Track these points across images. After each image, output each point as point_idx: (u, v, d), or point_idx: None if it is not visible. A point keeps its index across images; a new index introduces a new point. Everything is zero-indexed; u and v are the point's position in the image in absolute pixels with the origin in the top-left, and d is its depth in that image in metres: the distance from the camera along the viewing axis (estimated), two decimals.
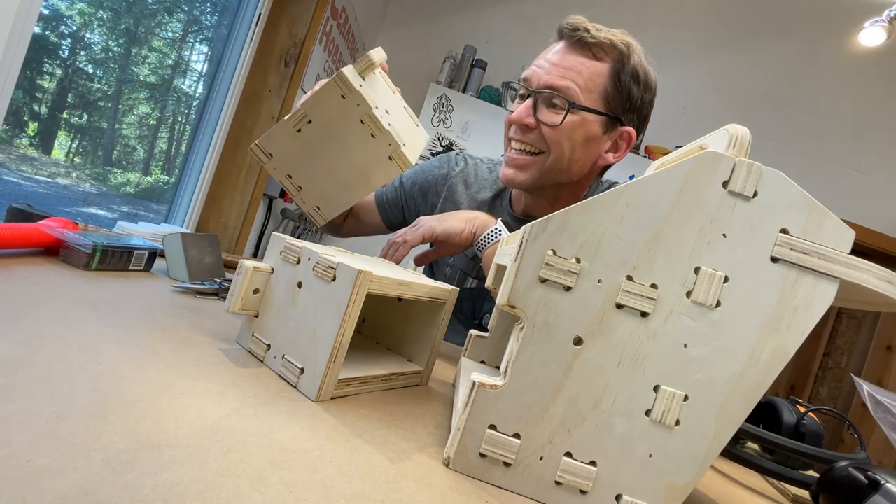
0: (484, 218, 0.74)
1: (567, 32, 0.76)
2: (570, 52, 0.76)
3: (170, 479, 0.22)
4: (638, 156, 2.68)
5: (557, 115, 0.75)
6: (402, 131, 0.61)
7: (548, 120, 0.76)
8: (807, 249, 0.31)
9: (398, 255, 0.71)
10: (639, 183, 0.32)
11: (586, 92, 0.75)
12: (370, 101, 0.56)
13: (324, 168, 0.63)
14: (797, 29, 2.86)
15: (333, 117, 0.58)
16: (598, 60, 0.76)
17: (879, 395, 0.54)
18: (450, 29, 2.88)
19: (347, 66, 0.57)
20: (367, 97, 0.56)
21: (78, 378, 0.29)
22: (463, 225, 0.72)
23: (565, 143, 0.77)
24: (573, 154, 0.78)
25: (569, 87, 0.74)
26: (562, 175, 0.81)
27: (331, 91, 0.56)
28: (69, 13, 1.33)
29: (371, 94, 0.57)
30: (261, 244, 2.16)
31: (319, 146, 0.61)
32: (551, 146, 0.77)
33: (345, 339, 0.37)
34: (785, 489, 0.56)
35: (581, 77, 0.75)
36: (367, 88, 0.57)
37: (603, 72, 0.76)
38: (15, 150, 1.32)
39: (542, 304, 0.33)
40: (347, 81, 0.55)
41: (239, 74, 1.79)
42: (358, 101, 0.56)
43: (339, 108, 0.57)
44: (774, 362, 0.31)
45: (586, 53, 0.75)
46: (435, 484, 0.30)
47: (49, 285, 0.44)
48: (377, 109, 0.57)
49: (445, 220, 0.73)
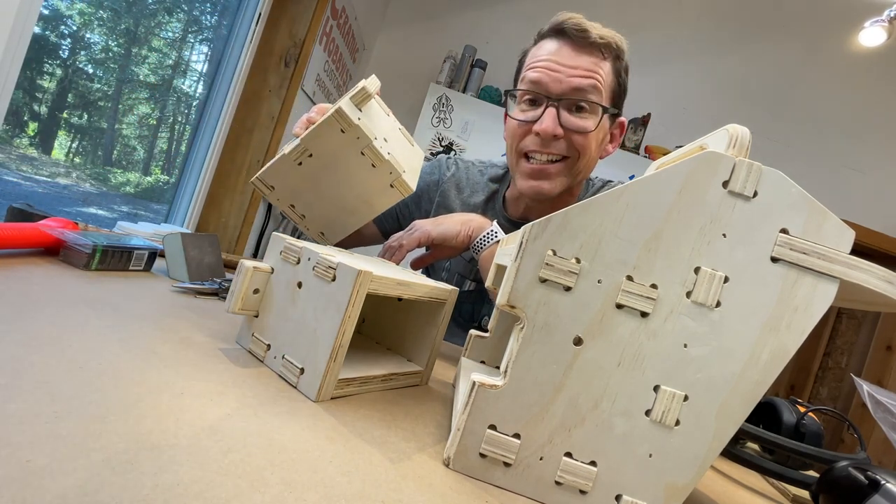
0: (479, 220, 0.74)
1: (574, 33, 0.75)
2: (580, 53, 0.76)
3: (170, 479, 0.22)
4: (638, 156, 2.68)
5: (585, 119, 0.76)
6: (401, 158, 0.62)
7: (579, 126, 0.76)
8: (807, 249, 0.31)
9: (395, 259, 0.71)
10: (639, 183, 0.32)
11: (604, 91, 0.76)
12: (369, 133, 0.57)
13: (326, 197, 0.64)
14: (797, 29, 2.86)
15: (334, 150, 0.59)
16: (605, 59, 0.76)
17: (879, 395, 0.54)
18: (450, 29, 2.88)
19: (344, 98, 0.57)
20: (366, 130, 0.57)
21: (78, 378, 0.29)
22: (459, 228, 0.72)
23: (593, 144, 0.78)
24: (595, 153, 0.80)
25: (592, 88, 0.75)
26: (583, 175, 0.82)
27: (330, 126, 0.57)
28: (69, 13, 1.33)
29: (369, 126, 0.58)
30: (261, 244, 2.16)
31: (321, 177, 0.62)
32: (581, 151, 0.77)
33: (345, 339, 0.37)
34: (785, 489, 0.56)
35: (601, 77, 0.75)
36: (365, 120, 0.58)
37: (610, 70, 0.77)
38: (15, 150, 1.32)
39: (542, 304, 0.33)
40: (347, 117, 0.55)
41: (239, 74, 1.79)
42: (357, 135, 0.57)
43: (339, 142, 0.58)
44: (774, 362, 0.31)
45: (596, 53, 0.76)
46: (435, 484, 0.30)
47: (49, 285, 0.44)
48: (376, 140, 0.58)
49: (441, 224, 0.73)
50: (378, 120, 0.61)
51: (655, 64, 2.90)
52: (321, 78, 2.21)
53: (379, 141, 0.59)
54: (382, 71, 2.88)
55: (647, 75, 2.89)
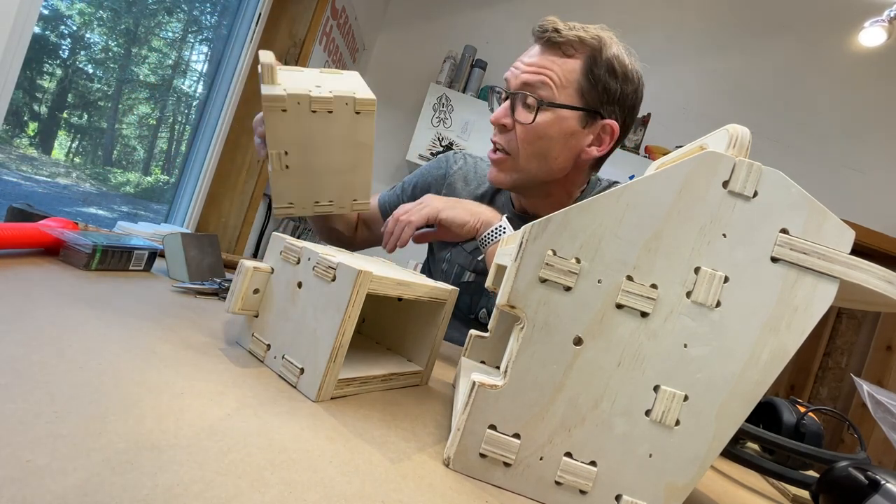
0: (489, 214, 0.74)
1: (537, 34, 0.78)
2: (542, 53, 0.78)
3: (170, 479, 0.22)
4: (638, 156, 2.68)
5: (530, 114, 0.77)
6: (343, 87, 0.63)
7: (521, 119, 0.77)
8: (807, 249, 0.31)
9: (403, 237, 0.71)
10: (639, 183, 0.32)
11: (560, 89, 0.76)
12: (303, 91, 0.58)
13: (328, 171, 0.65)
14: (797, 29, 2.86)
15: (295, 132, 0.60)
16: (570, 57, 0.77)
17: (879, 395, 0.54)
18: (450, 29, 2.88)
19: (261, 88, 0.58)
20: (298, 90, 0.58)
21: (78, 378, 0.29)
22: (468, 217, 0.73)
23: (538, 141, 0.78)
24: (551, 151, 0.79)
25: (541, 84, 0.76)
26: (543, 173, 0.81)
27: (272, 116, 0.58)
28: (69, 13, 1.33)
29: (296, 87, 0.59)
30: (261, 244, 2.16)
31: (311, 161, 0.63)
32: (520, 146, 0.79)
33: (345, 339, 0.37)
34: (785, 489, 0.56)
35: (554, 74, 0.76)
36: (289, 85, 0.59)
37: (575, 68, 0.76)
38: (15, 150, 1.32)
39: (542, 304, 0.33)
40: (275, 97, 0.57)
41: (239, 74, 1.79)
42: (297, 100, 0.58)
43: (291, 122, 0.59)
44: (774, 362, 0.31)
45: (556, 52, 0.77)
46: (435, 484, 0.30)
47: (49, 285, 0.44)
48: (312, 91, 0.59)
49: (452, 208, 0.73)
50: (298, 79, 0.62)
51: (655, 64, 2.89)
52: None
53: (315, 91, 0.59)
54: (382, 71, 2.89)
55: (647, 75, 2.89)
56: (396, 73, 2.88)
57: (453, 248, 0.93)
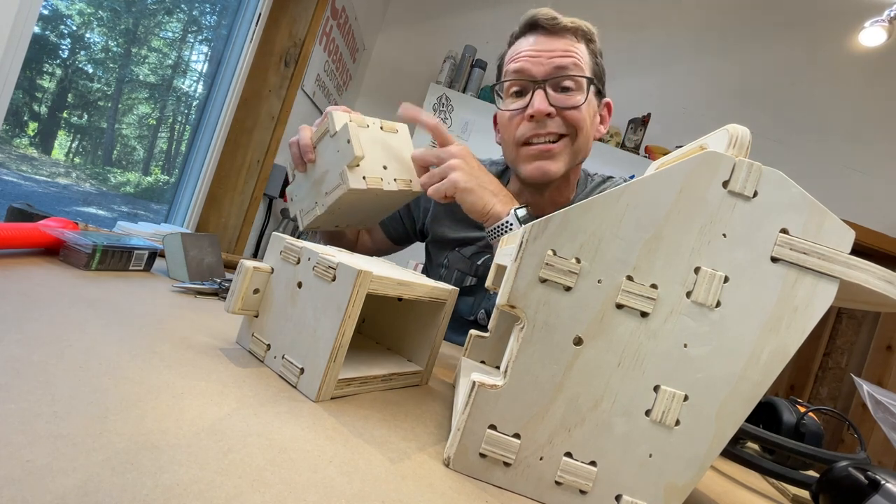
0: (499, 207, 0.69)
1: (545, 21, 0.78)
2: (555, 38, 0.78)
3: (170, 479, 0.22)
4: (638, 156, 2.68)
5: (573, 95, 0.78)
6: (402, 161, 0.68)
7: (568, 103, 0.77)
8: (807, 249, 0.31)
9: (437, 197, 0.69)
10: (639, 183, 0.32)
11: (586, 68, 0.79)
12: (376, 185, 0.62)
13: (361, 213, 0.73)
14: (797, 29, 2.86)
15: (353, 199, 0.64)
16: (579, 42, 0.80)
17: (879, 395, 0.54)
18: (450, 29, 2.88)
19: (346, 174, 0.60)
20: (375, 183, 0.62)
21: (78, 378, 0.29)
22: (480, 206, 0.69)
23: (587, 119, 0.80)
24: (590, 130, 0.82)
25: (573, 65, 0.77)
26: (582, 153, 0.83)
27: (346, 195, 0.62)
28: (69, 13, 1.33)
29: (372, 174, 0.63)
30: (261, 244, 2.16)
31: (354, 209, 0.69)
32: (577, 126, 0.79)
33: (345, 339, 0.37)
34: (785, 489, 0.56)
35: (579, 56, 0.78)
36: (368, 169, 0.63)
37: (586, 51, 0.80)
38: (15, 150, 1.32)
39: (542, 304, 0.33)
40: (357, 190, 0.61)
41: (239, 74, 1.79)
42: (376, 193, 0.64)
43: (356, 196, 0.63)
44: (774, 362, 0.31)
45: (569, 36, 0.79)
46: (435, 484, 0.30)
47: (49, 285, 0.44)
48: (384, 184, 0.64)
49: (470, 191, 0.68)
50: (367, 150, 0.64)
51: (655, 64, 2.90)
52: (321, 78, 2.21)
53: (386, 186, 0.64)
54: (382, 71, 2.89)
55: (647, 75, 2.89)
56: (396, 73, 2.88)
57: (450, 252, 0.93)
